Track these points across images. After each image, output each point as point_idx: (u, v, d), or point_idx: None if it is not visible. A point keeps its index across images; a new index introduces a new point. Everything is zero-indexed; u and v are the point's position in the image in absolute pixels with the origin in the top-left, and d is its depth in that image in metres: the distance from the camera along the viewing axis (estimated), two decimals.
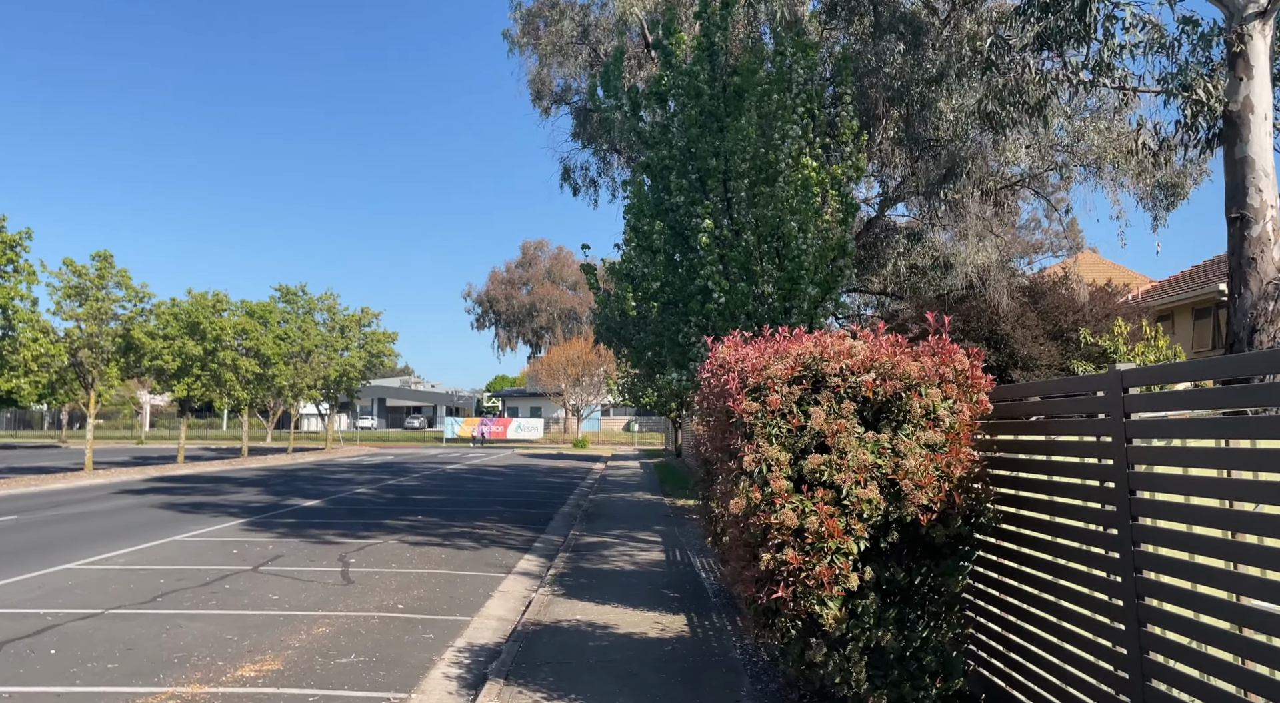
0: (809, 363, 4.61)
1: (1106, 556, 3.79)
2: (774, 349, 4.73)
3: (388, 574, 10.68)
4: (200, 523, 15.25)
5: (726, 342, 5.07)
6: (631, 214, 13.77)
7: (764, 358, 4.66)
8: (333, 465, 34.44)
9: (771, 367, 4.59)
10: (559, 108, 24.28)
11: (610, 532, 14.66)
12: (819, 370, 4.60)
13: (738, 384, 4.63)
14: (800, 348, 4.65)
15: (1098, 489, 3.86)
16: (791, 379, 4.60)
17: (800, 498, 4.47)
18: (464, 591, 9.86)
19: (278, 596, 9.31)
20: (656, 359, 17.17)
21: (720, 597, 8.91)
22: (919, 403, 4.45)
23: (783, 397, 4.53)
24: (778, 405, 4.50)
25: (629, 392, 41.06)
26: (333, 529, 14.64)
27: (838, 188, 13.47)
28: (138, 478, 26.13)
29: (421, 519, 16.29)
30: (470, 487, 24.46)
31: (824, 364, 4.55)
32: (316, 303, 45.30)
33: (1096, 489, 3.87)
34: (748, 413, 4.55)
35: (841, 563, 4.40)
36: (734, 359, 4.78)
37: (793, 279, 13.04)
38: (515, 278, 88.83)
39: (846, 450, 4.45)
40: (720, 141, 13.44)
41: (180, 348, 30.21)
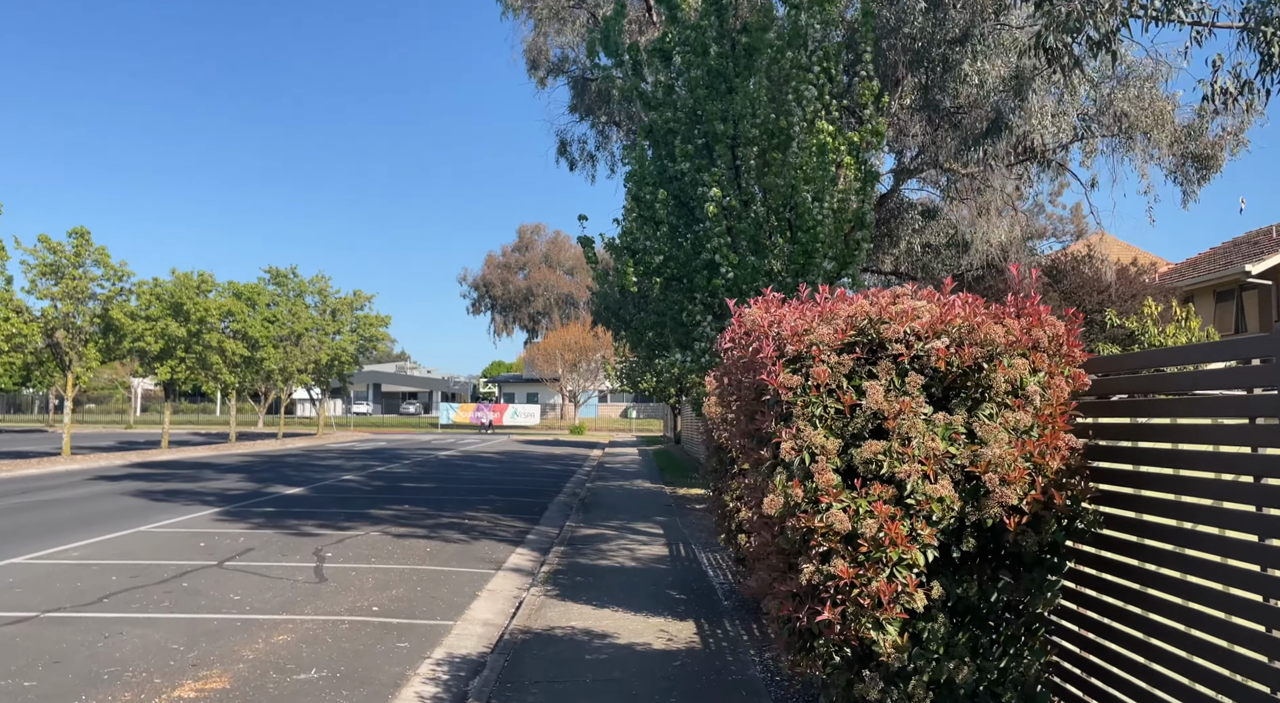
0: (863, 326, 3.66)
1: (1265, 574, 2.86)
2: (817, 310, 3.78)
3: (365, 571, 9.76)
4: (171, 512, 14.33)
5: (756, 302, 4.11)
6: (633, 182, 12.78)
7: (806, 321, 3.71)
8: (322, 452, 33.52)
9: (816, 331, 3.64)
10: (555, 79, 23.21)
11: (608, 523, 13.76)
12: (876, 336, 3.65)
13: (773, 353, 3.68)
14: (852, 308, 3.70)
15: (1253, 488, 2.93)
16: (841, 346, 3.65)
17: (852, 496, 3.54)
18: (448, 590, 8.95)
19: (240, 596, 8.39)
20: (658, 340, 16.21)
21: (732, 600, 8.00)
22: (1003, 376, 3.51)
23: (831, 368, 3.59)
24: (825, 380, 3.56)
25: (627, 377, 40.17)
26: (312, 520, 13.72)
27: (856, 154, 12.49)
28: (117, 464, 25.19)
29: (408, 509, 15.38)
30: (462, 474, 23.55)
31: (883, 327, 3.61)
32: (307, 285, 44.25)
33: (1252, 489, 2.94)
34: (786, 389, 3.61)
35: (905, 577, 3.48)
36: (767, 323, 3.84)
37: (807, 253, 12.08)
38: (511, 262, 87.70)
39: (911, 436, 3.51)
40: (728, 104, 12.44)
41: (163, 329, 29.21)
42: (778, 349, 3.69)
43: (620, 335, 21.05)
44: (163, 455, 28.84)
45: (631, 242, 12.92)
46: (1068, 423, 3.58)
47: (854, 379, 3.69)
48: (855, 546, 3.52)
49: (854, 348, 3.68)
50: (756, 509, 4.21)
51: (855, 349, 3.67)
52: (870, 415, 3.61)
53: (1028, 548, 3.53)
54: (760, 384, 3.88)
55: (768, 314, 3.89)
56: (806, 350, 3.67)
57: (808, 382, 3.60)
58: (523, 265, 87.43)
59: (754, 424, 4.14)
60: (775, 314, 3.85)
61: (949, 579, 3.67)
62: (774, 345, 3.70)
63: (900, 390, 3.59)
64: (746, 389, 4.17)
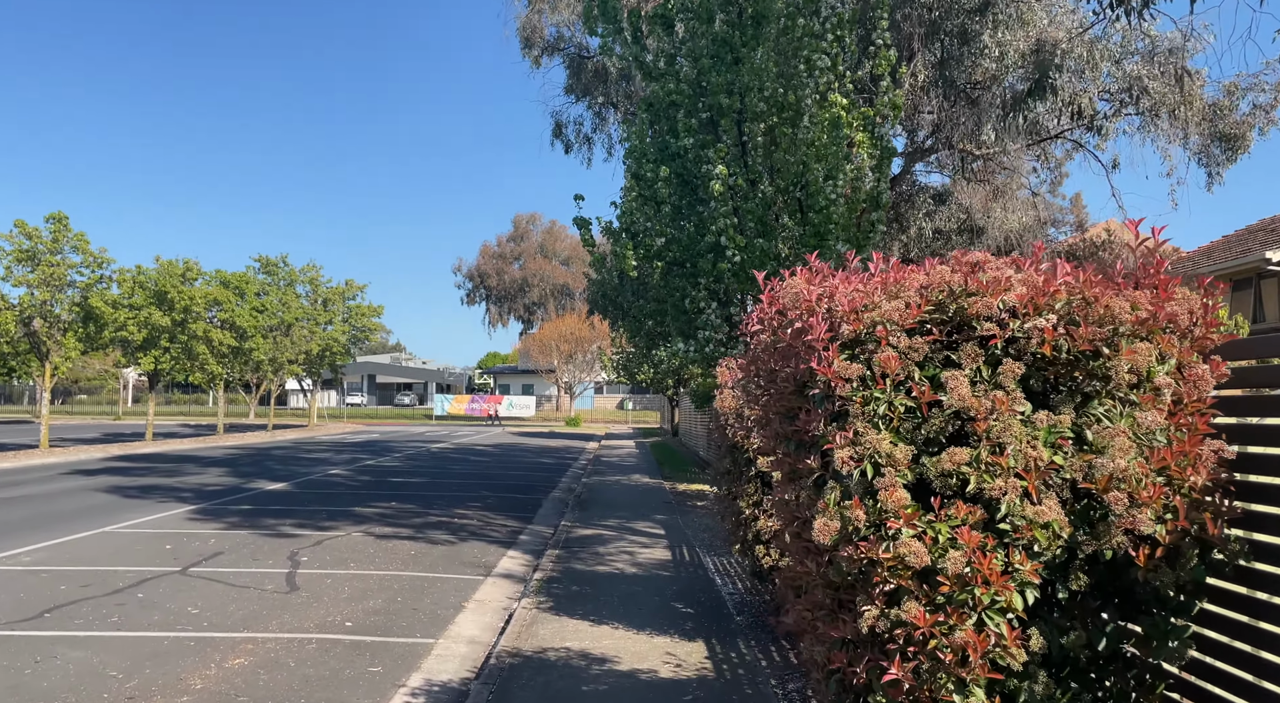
0: (941, 301, 2.85)
1: None
2: (878, 281, 2.96)
3: (342, 578, 8.96)
4: (142, 511, 13.50)
5: (800, 272, 3.29)
6: (632, 158, 11.93)
7: (866, 293, 2.90)
8: (312, 444, 32.69)
9: (882, 307, 2.83)
10: (550, 58, 22.33)
11: (606, 522, 12.97)
12: (959, 313, 2.84)
13: (825, 335, 2.87)
14: (927, 277, 2.89)
15: None
16: (913, 326, 2.84)
17: (929, 519, 2.74)
18: (431, 600, 8.16)
19: (199, 608, 7.58)
20: (659, 329, 15.37)
21: (745, 615, 7.21)
22: (1127, 364, 2.70)
23: (901, 354, 2.78)
24: (894, 368, 2.75)
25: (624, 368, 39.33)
26: (291, 519, 12.91)
27: (871, 129, 11.66)
28: (96, 457, 24.33)
29: (395, 507, 14.57)
30: (454, 468, 22.75)
31: (969, 302, 2.80)
32: (298, 274, 43.33)
33: None
34: (842, 380, 2.80)
35: (999, 625, 2.68)
36: (814, 296, 3.02)
37: (819, 235, 11.26)
38: (506, 252, 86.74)
39: (1005, 441, 2.71)
40: (734, 76, 11.58)
41: (146, 318, 28.30)
42: (831, 329, 2.88)
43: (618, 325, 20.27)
44: (146, 448, 27.98)
45: (631, 223, 12.08)
46: (1208, 425, 2.78)
47: (926, 368, 2.88)
48: (934, 584, 2.72)
49: (929, 329, 2.87)
50: (795, 529, 3.42)
51: (931, 330, 2.86)
52: (951, 415, 2.80)
53: (1165, 585, 2.72)
54: (804, 374, 3.07)
55: (816, 285, 3.07)
56: (868, 331, 2.85)
57: (872, 371, 2.79)
58: (518, 255, 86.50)
59: (792, 425, 3.32)
60: (825, 286, 3.03)
61: (1050, 626, 2.87)
62: (826, 325, 2.88)
63: (993, 382, 2.78)
64: (783, 381, 3.35)
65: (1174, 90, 14.21)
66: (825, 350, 2.84)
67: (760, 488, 5.92)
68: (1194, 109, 14.09)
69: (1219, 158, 15.74)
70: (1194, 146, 15.52)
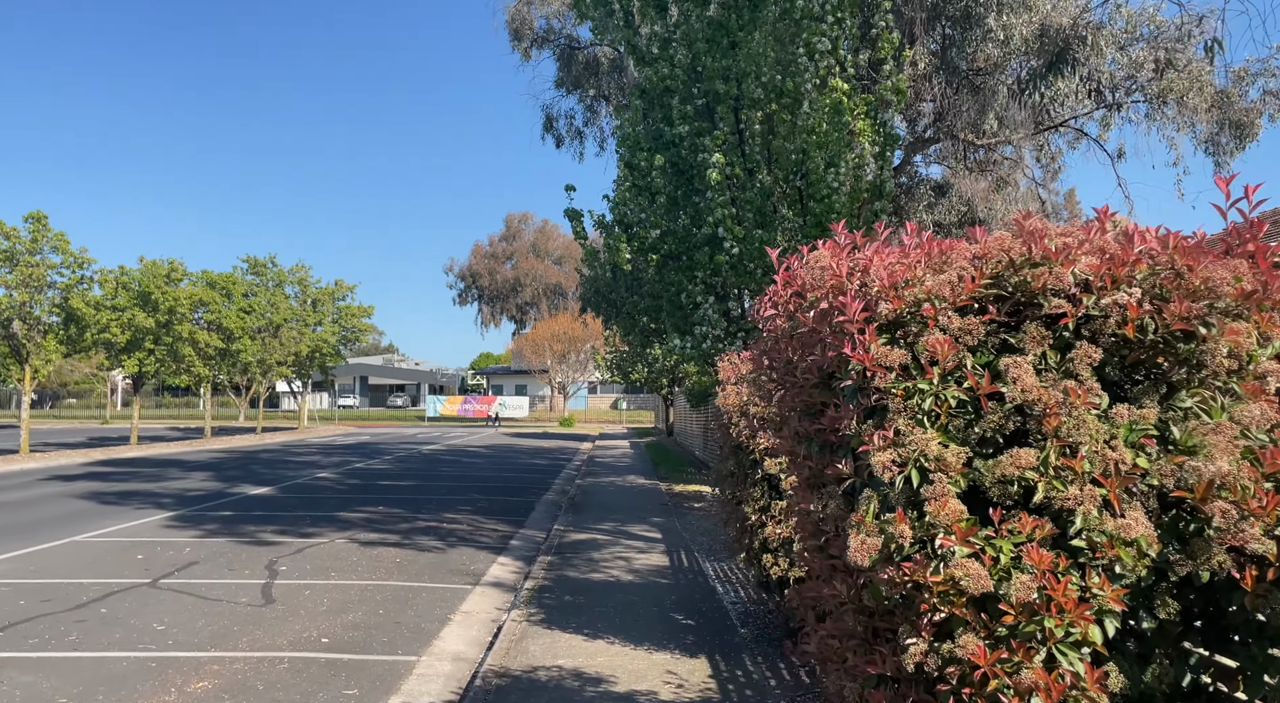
0: (1000, 273, 2.39)
1: None
2: (921, 252, 2.50)
3: (322, 589, 8.47)
4: (118, 518, 12.98)
5: (825, 245, 2.83)
6: (625, 147, 11.46)
7: (908, 266, 2.43)
8: (301, 447, 32.14)
9: (928, 281, 2.37)
10: (540, 51, 21.82)
11: (600, 526, 12.51)
12: (1022, 286, 2.38)
13: (860, 315, 2.41)
14: (982, 245, 2.43)
15: None
16: (967, 303, 2.38)
17: (987, 535, 2.28)
18: (415, 612, 7.68)
19: (165, 624, 7.08)
20: (654, 326, 14.90)
21: (750, 625, 6.74)
22: (1227, 346, 2.25)
23: (953, 336, 2.32)
24: (945, 354, 2.29)
25: (617, 368, 38.90)
26: (273, 525, 12.40)
27: (873, 116, 11.22)
28: (78, 462, 23.75)
29: (382, 511, 14.07)
30: (445, 470, 22.25)
31: (1035, 273, 2.34)
32: (287, 275, 42.71)
33: None
34: (882, 368, 2.34)
35: (1075, 663, 2.22)
36: (843, 269, 2.55)
37: (820, 225, 10.81)
38: (499, 251, 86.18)
39: (1079, 441, 2.25)
40: (731, 61, 11.13)
41: (130, 320, 27.71)
42: (867, 308, 2.42)
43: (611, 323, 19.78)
44: (129, 452, 27.39)
45: (625, 214, 11.62)
46: None
47: (980, 355, 2.42)
48: (994, 613, 2.26)
49: (985, 306, 2.41)
50: (817, 543, 2.96)
51: (988, 307, 2.40)
52: (1010, 411, 2.34)
53: (1275, 617, 2.26)
54: (831, 363, 2.61)
55: (846, 258, 2.61)
56: (911, 311, 2.39)
57: (917, 358, 2.33)
58: (510, 255, 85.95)
59: (815, 424, 2.86)
60: (859, 259, 2.57)
61: (1128, 660, 2.41)
62: (860, 302, 2.42)
63: (1059, 371, 2.32)
64: (804, 373, 2.89)
65: (1181, 76, 13.80)
66: (860, 333, 2.37)
67: (767, 492, 5.46)
68: (1203, 95, 13.68)
69: (1227, 147, 15.33)
70: (1201, 135, 15.11)
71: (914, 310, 2.37)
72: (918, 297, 2.38)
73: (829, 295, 2.59)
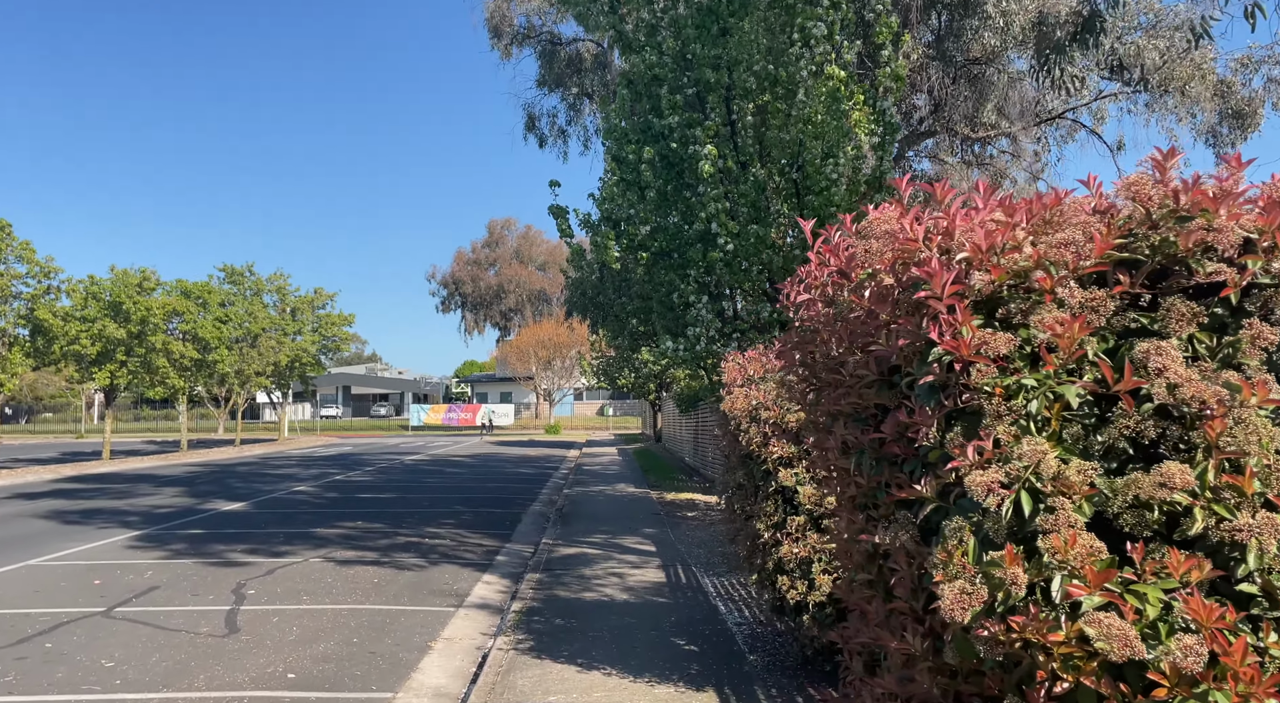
0: (1133, 231, 1.83)
1: None
2: (1020, 208, 1.93)
3: (291, 615, 7.82)
4: (79, 538, 12.25)
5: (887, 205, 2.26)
6: (612, 139, 10.89)
7: (1007, 229, 1.86)
8: (279, 459, 31.32)
9: (1032, 245, 1.80)
10: (521, 48, 21.26)
11: (591, 538, 11.91)
12: (1165, 245, 1.82)
13: (950, 288, 1.83)
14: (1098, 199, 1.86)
15: None
16: (1092, 271, 1.82)
17: (1123, 580, 1.71)
18: (393, 640, 7.05)
19: (115, 660, 6.42)
20: (643, 328, 14.31)
21: (759, 652, 6.16)
22: None
23: (1071, 312, 1.75)
24: (1071, 339, 1.72)
25: (604, 374, 38.32)
26: (244, 544, 11.72)
27: (872, 103, 10.71)
28: (45, 479, 22.88)
29: (361, 527, 13.41)
30: (429, 482, 21.57)
31: (1185, 230, 1.78)
32: (265, 284, 41.87)
33: None
34: (982, 358, 1.77)
35: None
36: (917, 232, 1.98)
37: (818, 219, 10.26)
38: (481, 258, 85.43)
39: (1246, 452, 1.69)
40: (721, 49, 10.60)
41: (100, 331, 26.86)
42: (958, 279, 1.84)
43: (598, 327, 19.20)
44: (101, 468, 26.50)
45: (612, 211, 11.03)
46: None
47: (1108, 337, 1.86)
48: (1136, 683, 1.69)
49: (1117, 275, 1.85)
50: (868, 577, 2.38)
51: (1120, 276, 1.83)
52: (1150, 413, 1.78)
53: None
54: (901, 353, 2.03)
55: (920, 222, 2.03)
56: (1015, 283, 1.82)
57: (1031, 343, 1.76)
58: (493, 262, 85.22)
59: (869, 431, 2.29)
60: (941, 220, 1.99)
61: None
62: (947, 271, 1.85)
63: (1218, 359, 1.76)
64: (857, 368, 2.31)
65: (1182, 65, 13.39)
66: (952, 312, 1.80)
67: (782, 506, 4.89)
68: (1205, 83, 13.29)
69: (1227, 137, 14.96)
70: (1201, 125, 14.73)
71: (1018, 282, 1.81)
72: (1022, 264, 1.81)
73: (895, 268, 2.01)
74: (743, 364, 5.44)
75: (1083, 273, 1.79)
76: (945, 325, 1.81)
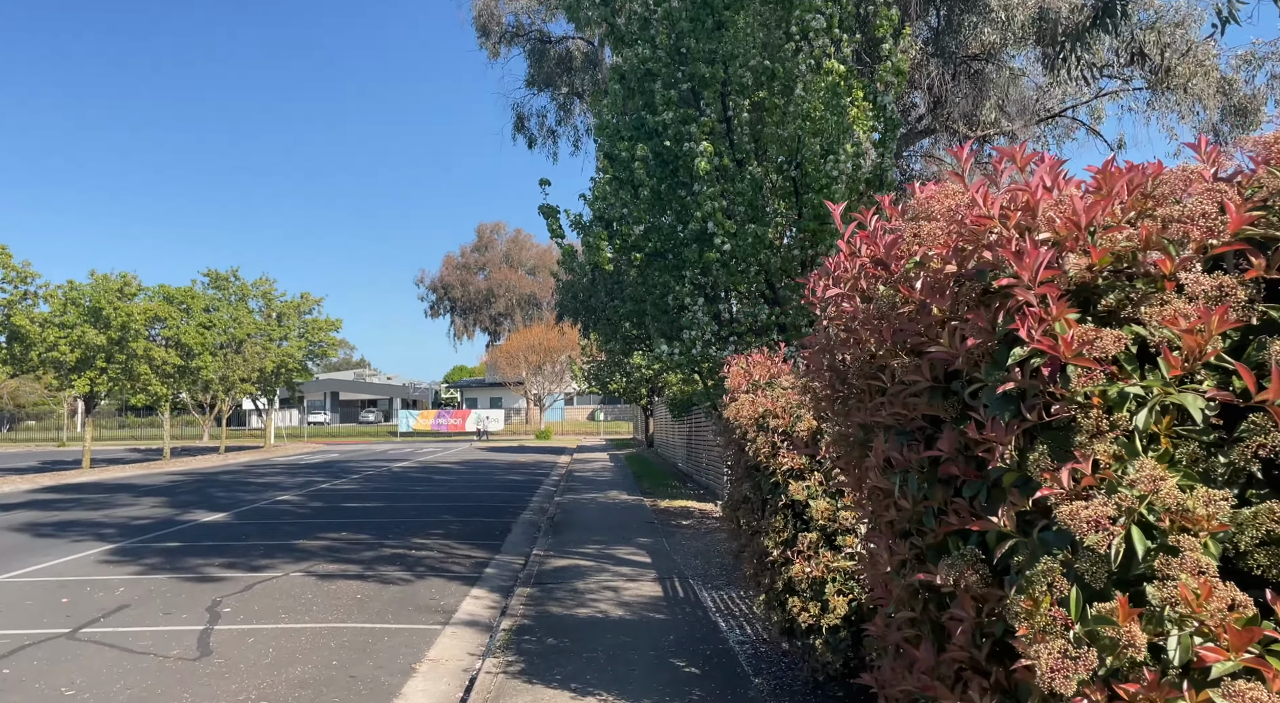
0: (1271, 203, 1.48)
1: None
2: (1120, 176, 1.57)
3: (268, 635, 7.41)
4: (51, 552, 11.78)
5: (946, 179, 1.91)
6: (605, 136, 10.54)
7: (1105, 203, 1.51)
8: (264, 467, 30.79)
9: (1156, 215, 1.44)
10: (509, 48, 20.89)
11: (583, 548, 11.52)
12: None
13: (1040, 273, 1.48)
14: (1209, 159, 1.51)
15: None
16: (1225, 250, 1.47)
17: (1266, 640, 1.35)
18: (375, 661, 6.66)
19: (77, 687, 6.01)
20: (636, 332, 13.97)
21: (765, 675, 5.80)
22: None
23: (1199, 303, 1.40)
24: (1197, 341, 1.37)
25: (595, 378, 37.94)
26: (223, 557, 11.28)
27: (873, 99, 10.41)
28: (21, 489, 22.32)
29: (346, 537, 12.98)
30: (416, 489, 21.12)
31: None
32: (250, 289, 41.24)
33: None
34: (1088, 361, 1.41)
35: None
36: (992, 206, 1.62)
37: (818, 217, 9.93)
38: (470, 262, 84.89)
39: None
40: (716, 43, 10.28)
41: (80, 337, 26.30)
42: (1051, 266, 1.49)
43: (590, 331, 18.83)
44: (80, 477, 25.93)
45: (605, 210, 10.69)
46: None
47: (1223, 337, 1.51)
48: None
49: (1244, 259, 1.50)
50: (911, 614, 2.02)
51: (1249, 260, 1.48)
52: None
53: None
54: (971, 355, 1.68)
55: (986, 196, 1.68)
56: (1119, 269, 1.47)
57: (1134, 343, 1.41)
58: (483, 266, 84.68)
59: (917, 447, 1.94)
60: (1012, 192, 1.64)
61: None
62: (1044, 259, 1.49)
63: None
64: (906, 373, 1.96)
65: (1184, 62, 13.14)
66: (1040, 305, 1.45)
67: (792, 522, 4.53)
68: (1208, 80, 13.04)
69: (1229, 135, 14.72)
70: (1204, 123, 14.48)
71: (1123, 267, 1.45)
72: (1125, 245, 1.45)
73: (958, 253, 1.66)
74: (748, 368, 5.08)
75: (1213, 253, 1.45)
76: (1033, 320, 1.46)
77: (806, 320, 10.12)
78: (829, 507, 4.33)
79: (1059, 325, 1.45)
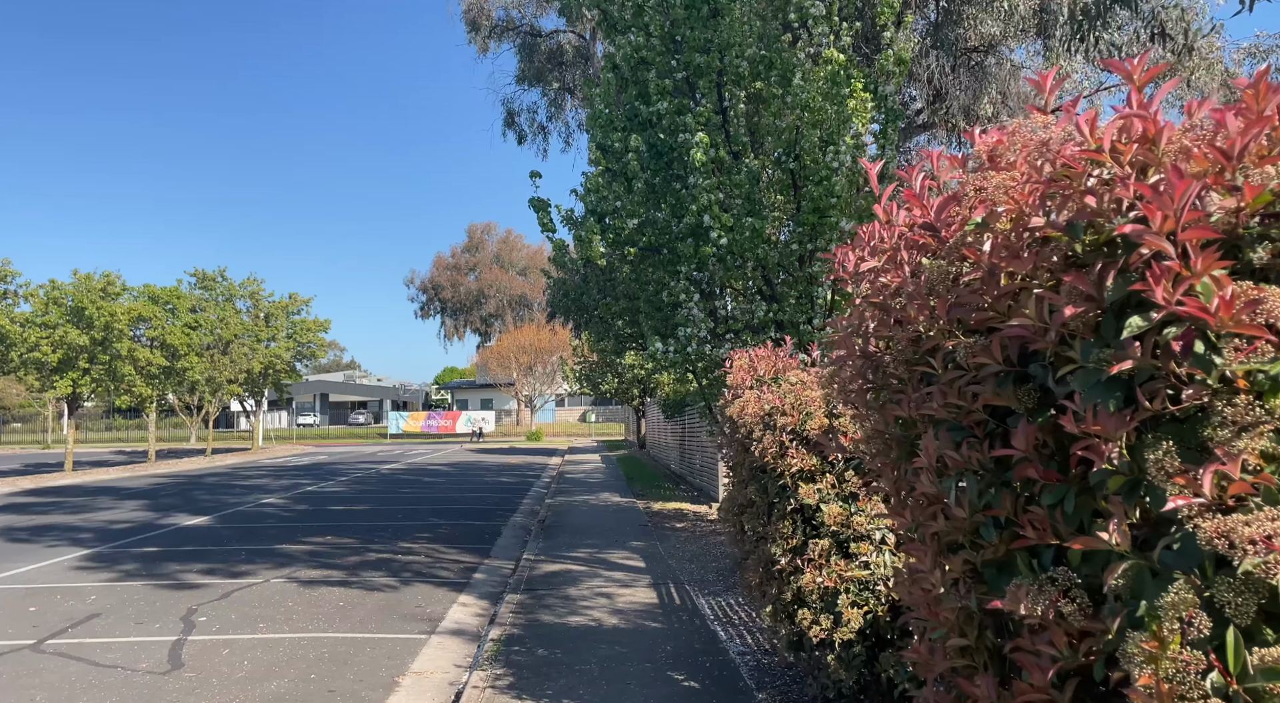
0: None
1: None
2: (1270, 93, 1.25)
3: (244, 646, 7.05)
4: (24, 558, 11.37)
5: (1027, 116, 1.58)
6: (597, 127, 10.20)
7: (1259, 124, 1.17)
8: (251, 469, 30.33)
9: None
10: (499, 42, 20.54)
11: (575, 552, 11.18)
12: None
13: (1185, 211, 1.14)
14: None
15: None
16: None
17: None
18: (355, 674, 6.31)
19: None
20: (629, 330, 13.63)
21: (768, 689, 5.47)
22: None
23: None
24: None
25: (586, 379, 37.62)
26: (202, 563, 10.90)
27: (873, 89, 10.09)
28: (1, 492, 21.83)
29: (330, 542, 12.61)
30: (405, 492, 20.74)
31: None
32: (238, 289, 40.81)
33: None
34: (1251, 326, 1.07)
35: None
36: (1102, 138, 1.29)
37: (818, 211, 9.60)
38: (461, 263, 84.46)
39: None
40: (712, 31, 9.95)
41: (62, 337, 25.82)
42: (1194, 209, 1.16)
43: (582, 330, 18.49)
44: (62, 480, 25.44)
45: (598, 203, 10.34)
46: None
47: None
48: None
49: None
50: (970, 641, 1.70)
51: None
52: None
53: None
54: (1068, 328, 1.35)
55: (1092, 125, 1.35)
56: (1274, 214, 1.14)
57: None
58: (473, 266, 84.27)
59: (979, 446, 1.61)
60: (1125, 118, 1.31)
61: None
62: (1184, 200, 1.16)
63: None
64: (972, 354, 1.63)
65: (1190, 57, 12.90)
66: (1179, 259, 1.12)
67: (802, 527, 4.20)
68: (1213, 74, 12.80)
69: None
70: None
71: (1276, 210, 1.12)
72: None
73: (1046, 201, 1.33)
74: (752, 363, 4.76)
75: None
76: (1168, 278, 1.13)
77: (805, 317, 9.81)
78: (842, 511, 4.00)
79: (1202, 284, 1.13)
